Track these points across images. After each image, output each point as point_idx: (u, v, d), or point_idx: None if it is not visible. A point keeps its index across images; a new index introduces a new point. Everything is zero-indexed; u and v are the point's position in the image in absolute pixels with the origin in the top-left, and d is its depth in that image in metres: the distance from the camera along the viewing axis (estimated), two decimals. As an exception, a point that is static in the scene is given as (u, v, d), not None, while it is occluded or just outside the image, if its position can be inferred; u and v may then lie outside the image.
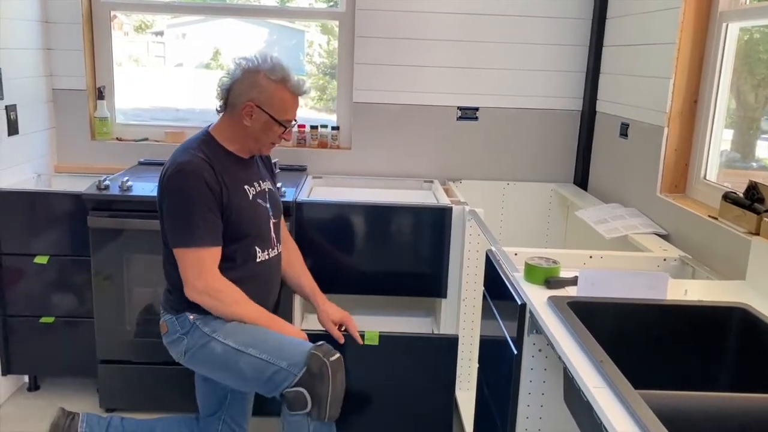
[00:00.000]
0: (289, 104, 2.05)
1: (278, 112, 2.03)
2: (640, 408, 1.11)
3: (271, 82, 2.00)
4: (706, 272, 2.02)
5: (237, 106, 2.02)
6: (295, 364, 1.94)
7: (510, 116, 3.29)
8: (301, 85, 2.05)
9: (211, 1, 3.61)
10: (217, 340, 1.99)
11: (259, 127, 2.03)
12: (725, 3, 2.29)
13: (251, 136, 2.05)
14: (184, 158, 1.97)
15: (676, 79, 2.39)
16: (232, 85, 2.02)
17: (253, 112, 2.01)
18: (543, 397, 1.78)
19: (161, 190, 2.00)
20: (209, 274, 1.95)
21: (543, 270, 1.76)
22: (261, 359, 1.96)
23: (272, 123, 2.03)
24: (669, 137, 2.44)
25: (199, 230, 1.93)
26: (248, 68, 2.01)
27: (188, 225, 1.93)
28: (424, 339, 2.54)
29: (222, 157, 2.04)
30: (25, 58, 2.97)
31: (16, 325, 2.81)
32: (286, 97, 2.04)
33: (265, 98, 2.01)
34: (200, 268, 1.95)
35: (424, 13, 3.17)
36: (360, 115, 3.27)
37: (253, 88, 2.00)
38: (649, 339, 1.63)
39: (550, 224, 3.33)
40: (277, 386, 1.96)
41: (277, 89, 2.01)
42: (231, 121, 2.05)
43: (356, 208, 2.70)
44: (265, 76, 2.00)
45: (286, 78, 2.02)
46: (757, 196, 1.88)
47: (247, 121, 2.01)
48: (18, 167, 2.93)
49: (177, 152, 2.03)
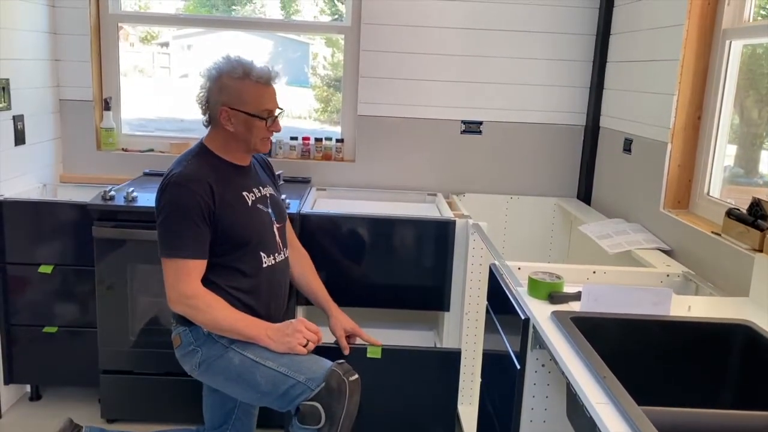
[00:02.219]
0: (260, 95, 2.05)
1: (252, 106, 2.03)
2: (643, 424, 1.11)
3: (235, 80, 2.02)
4: (709, 288, 2.02)
5: (215, 114, 2.04)
6: (313, 378, 1.94)
7: (514, 130, 3.30)
8: (267, 73, 2.05)
9: (216, 13, 3.64)
10: (234, 351, 1.99)
11: (243, 128, 2.04)
12: (728, 20, 2.30)
13: (239, 139, 2.06)
14: (176, 170, 2.00)
15: (680, 95, 2.40)
16: (207, 96, 2.05)
17: (230, 115, 2.02)
18: (546, 413, 1.78)
19: (155, 202, 2.02)
20: (183, 282, 1.95)
21: (546, 285, 1.76)
22: (279, 372, 1.95)
23: (252, 119, 2.03)
24: (672, 153, 2.45)
25: (182, 241, 1.95)
26: (212, 75, 2.04)
27: (172, 236, 1.95)
28: (427, 353, 2.54)
29: (217, 166, 2.05)
30: (33, 68, 2.99)
31: (19, 334, 2.81)
32: (254, 90, 2.03)
33: (234, 98, 2.02)
34: (177, 277, 1.95)
35: (429, 28, 3.19)
36: (364, 127, 3.29)
37: (221, 93, 2.02)
38: (653, 355, 1.63)
39: (553, 238, 3.33)
40: (292, 400, 1.96)
41: (242, 85, 2.02)
42: (217, 131, 2.08)
43: (360, 221, 2.70)
44: (228, 76, 2.02)
45: (247, 71, 2.02)
46: (760, 213, 1.88)
47: (228, 126, 2.03)
48: (24, 177, 2.94)
49: (172, 165, 2.06)
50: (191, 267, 1.96)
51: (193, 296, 1.95)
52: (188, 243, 1.95)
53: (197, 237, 1.96)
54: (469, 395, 2.82)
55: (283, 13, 3.73)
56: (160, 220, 1.98)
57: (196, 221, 1.95)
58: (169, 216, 1.96)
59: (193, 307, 1.96)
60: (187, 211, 1.94)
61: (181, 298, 1.95)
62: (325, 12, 3.71)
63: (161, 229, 1.98)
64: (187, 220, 1.94)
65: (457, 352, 2.51)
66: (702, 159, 2.41)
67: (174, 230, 1.95)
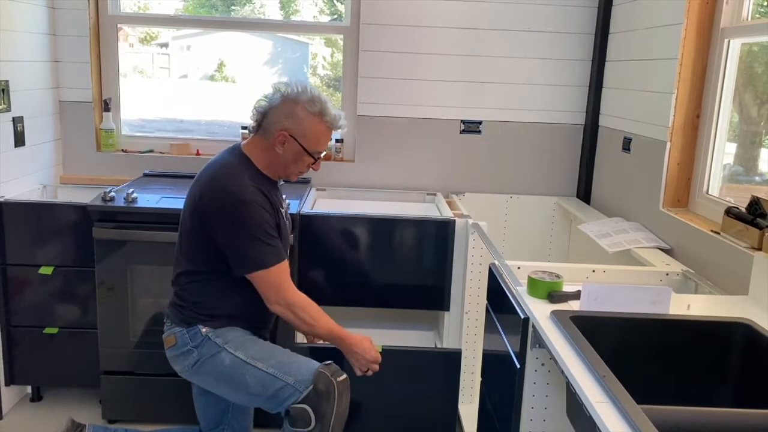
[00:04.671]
0: (322, 137, 2.06)
1: (311, 144, 2.03)
2: (643, 423, 1.11)
3: (309, 114, 2.00)
4: (708, 287, 2.02)
5: (271, 132, 2.02)
6: (301, 381, 1.95)
7: (513, 130, 3.30)
8: (337, 120, 2.06)
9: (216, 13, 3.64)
10: (227, 351, 2.00)
11: (291, 157, 2.04)
12: (727, 19, 2.30)
13: (281, 164, 2.06)
14: (237, 187, 1.96)
15: (679, 93, 2.41)
16: (268, 110, 2.02)
17: (286, 141, 2.01)
18: (546, 412, 1.78)
19: (208, 215, 1.98)
20: (287, 290, 2.00)
21: (546, 284, 1.77)
22: (267, 373, 1.97)
23: (303, 154, 2.04)
24: (671, 152, 2.45)
25: (270, 251, 1.96)
26: (288, 96, 2.01)
27: (260, 250, 1.95)
28: (427, 353, 2.54)
29: (263, 181, 2.04)
30: (33, 70, 3.00)
31: (19, 335, 2.81)
32: (321, 130, 2.04)
33: (299, 130, 2.01)
34: (279, 284, 1.99)
35: (428, 28, 3.19)
36: (364, 128, 3.29)
37: (288, 118, 2.00)
38: (652, 354, 1.63)
39: (553, 238, 3.33)
40: (281, 402, 1.97)
41: (313, 122, 2.01)
42: (263, 145, 2.05)
43: (359, 221, 2.71)
44: (303, 107, 2.00)
45: (323, 111, 2.02)
46: (759, 211, 1.88)
47: (279, 148, 2.02)
48: (24, 178, 2.94)
49: (220, 177, 2.00)
50: (283, 271, 2.00)
51: (300, 308, 2.00)
52: (275, 251, 1.98)
53: (277, 243, 2.00)
54: (469, 394, 2.83)
55: (283, 14, 3.74)
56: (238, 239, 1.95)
57: (272, 229, 1.98)
58: (247, 233, 1.94)
59: (300, 318, 2.01)
60: (263, 223, 1.96)
61: (290, 307, 2.00)
62: (325, 12, 3.71)
63: (244, 247, 1.96)
64: (266, 232, 1.96)
65: (458, 352, 2.51)
66: (701, 157, 2.42)
67: (258, 244, 1.95)
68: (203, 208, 1.98)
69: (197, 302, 2.04)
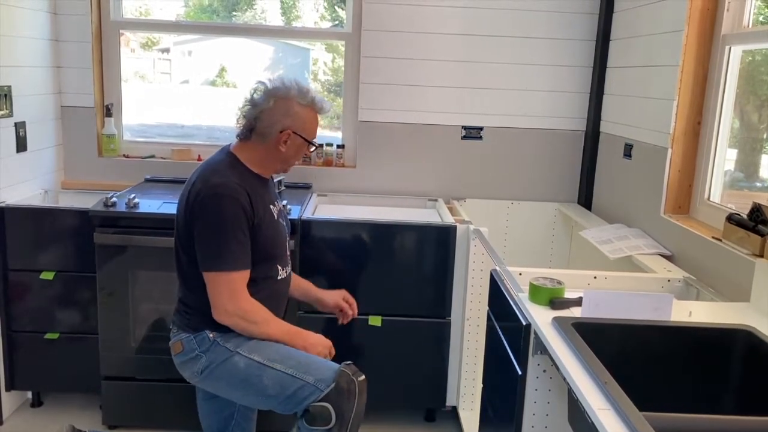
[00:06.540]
0: (316, 123, 2.12)
1: (310, 133, 2.09)
2: (645, 430, 1.11)
3: (303, 107, 2.04)
4: (710, 294, 2.02)
5: (271, 134, 2.02)
6: (322, 379, 1.95)
7: (514, 136, 3.31)
8: (324, 103, 2.10)
9: (217, 19, 3.65)
10: (241, 355, 1.99)
11: (294, 151, 2.08)
12: (728, 26, 2.31)
13: (281, 159, 2.08)
14: (218, 181, 1.97)
15: (680, 100, 2.41)
16: (260, 114, 2.02)
17: (289, 138, 2.03)
18: (547, 418, 1.78)
19: (192, 211, 1.98)
20: (240, 296, 1.97)
21: (547, 290, 1.77)
22: (287, 374, 1.96)
23: (305, 145, 2.09)
24: (672, 158, 2.46)
25: (233, 254, 1.95)
26: (278, 96, 2.02)
27: (223, 249, 1.94)
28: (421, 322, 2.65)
29: (249, 178, 2.04)
30: (35, 75, 3.00)
31: (20, 340, 2.81)
32: (314, 118, 2.10)
33: (299, 124, 2.04)
34: (232, 291, 1.96)
35: (430, 34, 3.20)
36: (365, 133, 3.30)
37: (287, 116, 2.02)
38: (654, 360, 1.63)
39: (554, 244, 3.33)
40: (300, 402, 1.96)
41: (308, 113, 2.06)
42: (261, 147, 2.05)
43: (361, 227, 2.71)
44: (297, 102, 2.03)
45: (313, 100, 2.06)
46: (760, 218, 1.88)
47: (282, 147, 2.04)
48: (26, 183, 2.95)
49: (206, 173, 2.01)
50: (244, 279, 1.98)
51: (252, 311, 1.98)
52: (239, 255, 1.95)
53: (245, 248, 1.97)
54: (470, 401, 2.82)
55: (284, 19, 3.75)
56: (206, 232, 1.95)
57: (243, 232, 1.96)
58: (215, 227, 1.94)
59: (251, 322, 1.98)
60: (234, 222, 1.94)
61: (238, 312, 1.96)
62: (326, 18, 3.72)
63: (208, 241, 1.96)
64: (235, 231, 1.94)
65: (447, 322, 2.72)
66: (702, 164, 2.42)
67: (223, 243, 1.94)
68: (191, 206, 2.00)
69: (202, 307, 2.01)
